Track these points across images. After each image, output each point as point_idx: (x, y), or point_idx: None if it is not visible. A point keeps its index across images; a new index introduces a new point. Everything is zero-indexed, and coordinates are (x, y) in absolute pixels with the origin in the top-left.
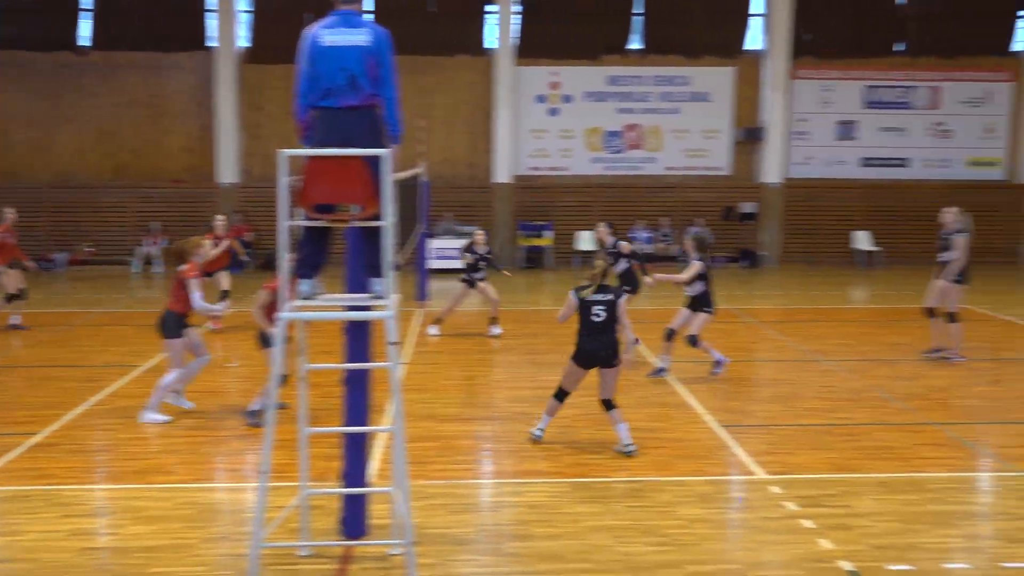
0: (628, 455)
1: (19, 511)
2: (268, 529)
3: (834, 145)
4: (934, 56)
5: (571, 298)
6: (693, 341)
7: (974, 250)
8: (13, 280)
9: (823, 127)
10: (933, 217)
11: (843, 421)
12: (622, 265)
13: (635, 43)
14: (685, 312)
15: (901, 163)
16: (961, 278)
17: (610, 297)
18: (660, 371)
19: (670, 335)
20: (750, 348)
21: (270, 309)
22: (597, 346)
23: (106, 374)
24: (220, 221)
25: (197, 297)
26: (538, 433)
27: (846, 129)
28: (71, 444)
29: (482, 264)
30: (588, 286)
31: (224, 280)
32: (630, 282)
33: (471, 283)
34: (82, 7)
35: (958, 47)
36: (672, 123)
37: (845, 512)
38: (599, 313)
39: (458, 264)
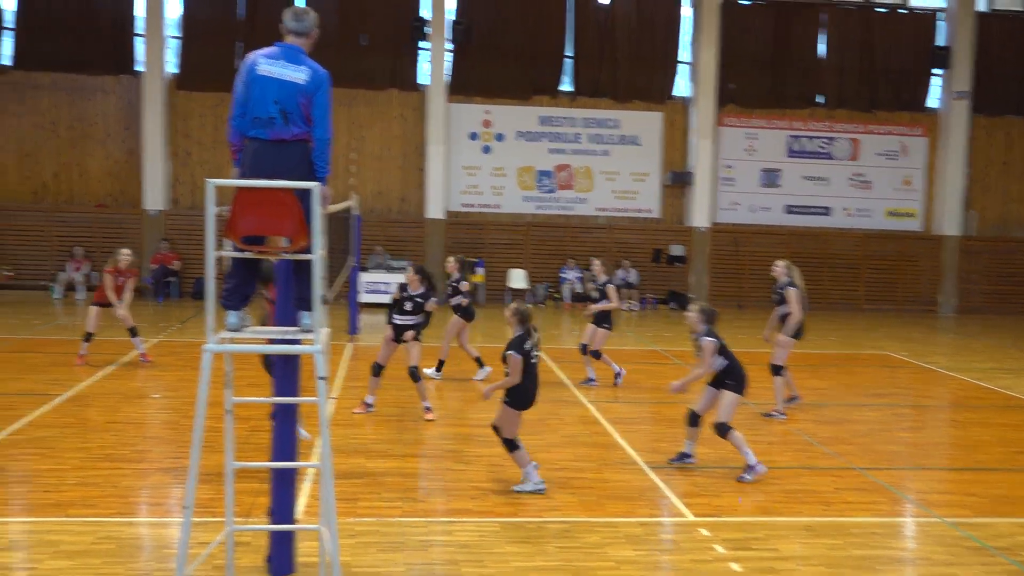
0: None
1: None
2: (192, 566)
3: (759, 192)
4: (852, 109)
5: (517, 357)
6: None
7: (898, 298)
8: None
9: (748, 174)
10: (854, 264)
11: (768, 464)
12: (457, 299)
13: (566, 85)
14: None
15: (823, 211)
16: (798, 334)
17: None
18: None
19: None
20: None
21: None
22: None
23: (22, 402)
24: (125, 256)
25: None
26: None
27: (771, 176)
28: None
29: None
30: (528, 338)
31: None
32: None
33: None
34: (3, 25)
35: (875, 102)
36: (602, 164)
37: (772, 555)
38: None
39: (386, 299)
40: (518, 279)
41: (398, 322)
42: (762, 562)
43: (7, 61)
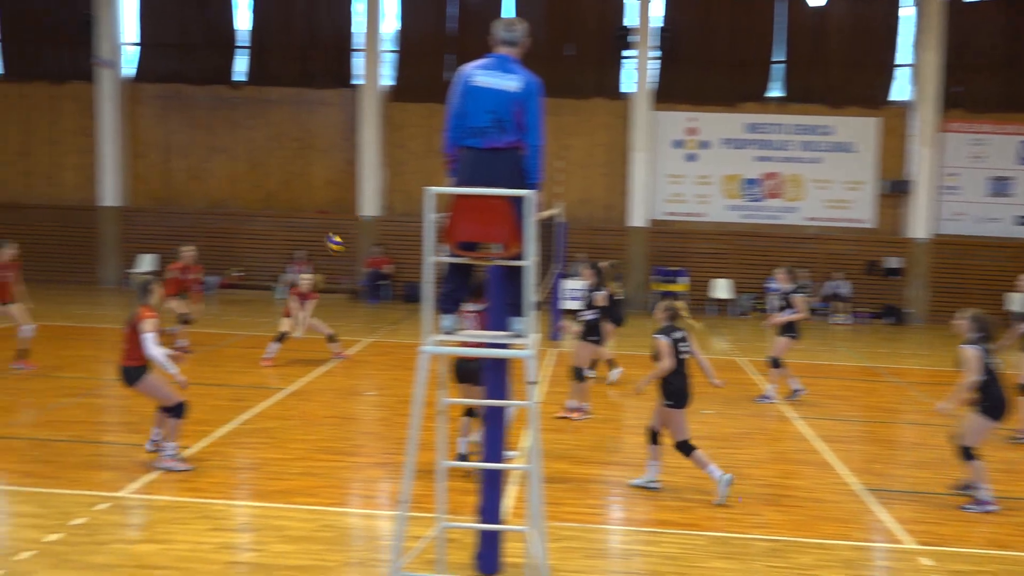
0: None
1: (172, 521)
2: (406, 558)
3: (987, 201)
4: None
5: (664, 340)
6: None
7: None
8: (181, 306)
9: (974, 182)
10: None
11: (1004, 494)
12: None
13: (775, 91)
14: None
15: None
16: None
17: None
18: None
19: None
20: (894, 409)
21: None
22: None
23: (251, 395)
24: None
25: None
26: (656, 485)
27: (1000, 185)
28: (220, 460)
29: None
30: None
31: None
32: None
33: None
34: (239, 44)
35: None
36: (814, 173)
37: None
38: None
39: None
40: (722, 289)
41: (582, 318)
42: None
43: (242, 77)
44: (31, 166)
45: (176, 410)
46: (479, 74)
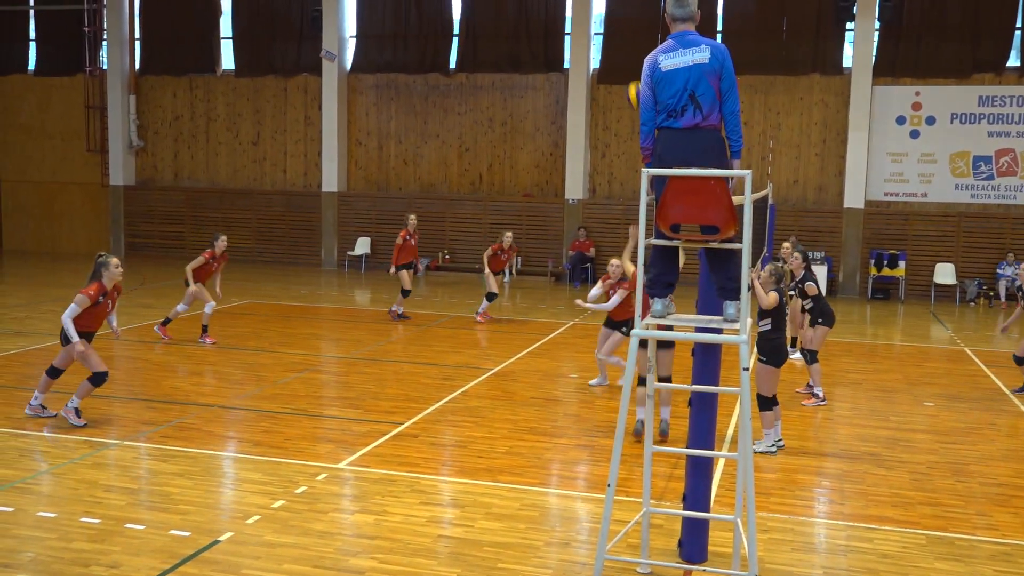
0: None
1: (386, 493)
2: (611, 542)
3: None
4: None
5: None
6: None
7: None
8: (406, 280)
9: None
10: None
11: None
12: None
13: (1014, 60)
14: None
15: None
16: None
17: None
18: None
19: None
20: None
21: None
22: None
23: (459, 374)
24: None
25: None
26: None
27: None
28: (429, 437)
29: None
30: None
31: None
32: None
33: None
34: (451, 32)
35: None
36: None
37: None
38: None
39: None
40: (945, 274)
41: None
42: None
43: (453, 65)
44: (262, 154)
45: None
46: (665, 59)
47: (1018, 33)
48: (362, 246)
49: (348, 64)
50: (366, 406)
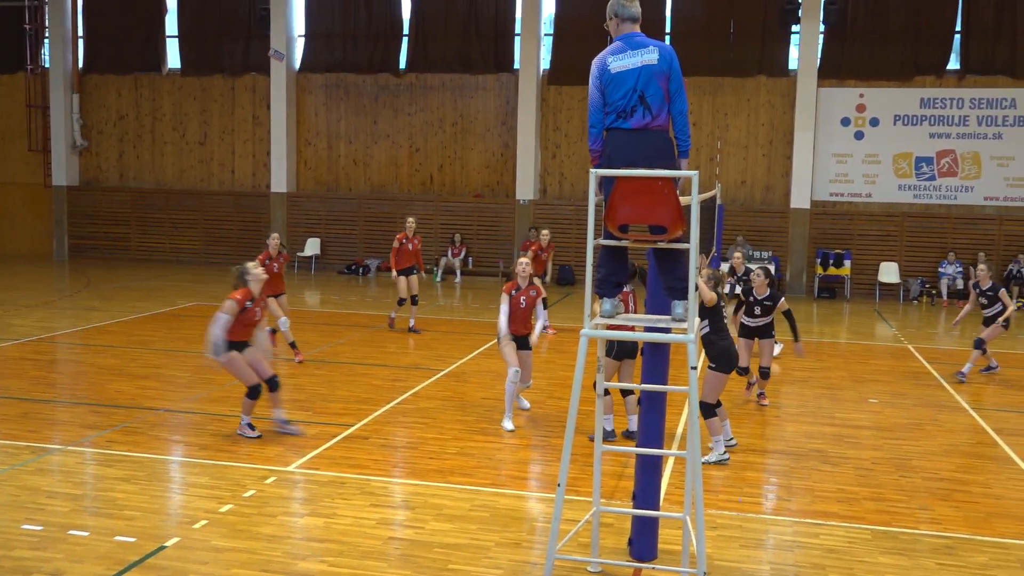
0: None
1: (335, 496)
2: (561, 541)
3: None
4: None
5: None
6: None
7: None
8: (405, 286)
9: None
10: None
11: None
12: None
13: (953, 63)
14: None
15: None
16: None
17: None
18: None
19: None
20: None
21: None
22: None
23: (410, 375)
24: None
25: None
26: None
27: None
28: (380, 438)
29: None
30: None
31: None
32: None
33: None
34: (401, 32)
35: None
36: (993, 149)
37: None
38: None
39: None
40: (889, 273)
41: (750, 324)
42: None
43: (403, 65)
44: (209, 154)
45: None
46: (614, 60)
47: (957, 37)
48: (312, 247)
49: (297, 64)
50: (316, 408)
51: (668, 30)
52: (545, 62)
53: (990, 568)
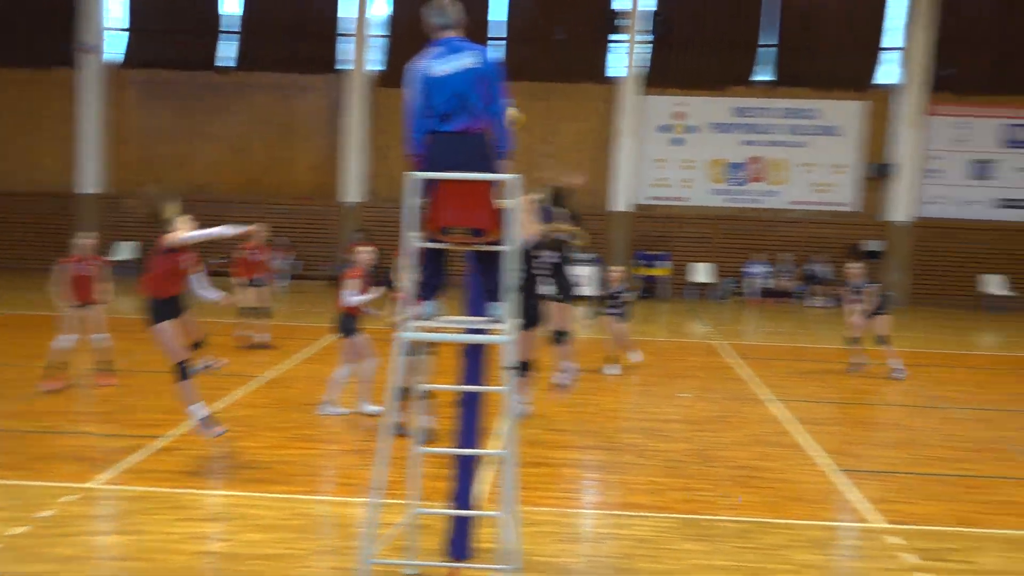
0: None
1: (141, 511)
2: (377, 546)
3: (968, 185)
4: None
5: None
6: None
7: None
8: (254, 296)
9: (956, 166)
10: None
11: (968, 472)
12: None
13: (764, 74)
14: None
15: None
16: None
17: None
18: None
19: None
20: (871, 391)
21: None
22: None
23: (228, 382)
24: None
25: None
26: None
27: (981, 168)
28: (193, 449)
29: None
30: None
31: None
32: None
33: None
34: (225, 29)
35: None
36: (799, 156)
37: (968, 568)
38: None
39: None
40: (702, 273)
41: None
42: (958, 575)
43: (227, 63)
44: (8, 152)
45: None
46: (433, 65)
47: (774, 50)
48: (126, 251)
49: (113, 58)
50: (123, 420)
51: (504, 35)
52: (379, 64)
53: (783, 548)
